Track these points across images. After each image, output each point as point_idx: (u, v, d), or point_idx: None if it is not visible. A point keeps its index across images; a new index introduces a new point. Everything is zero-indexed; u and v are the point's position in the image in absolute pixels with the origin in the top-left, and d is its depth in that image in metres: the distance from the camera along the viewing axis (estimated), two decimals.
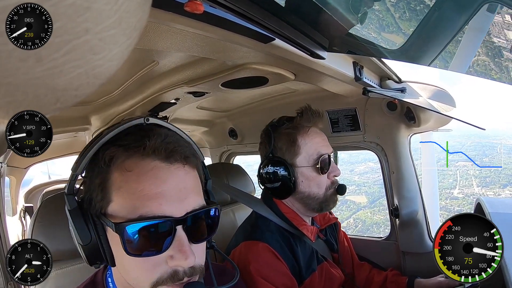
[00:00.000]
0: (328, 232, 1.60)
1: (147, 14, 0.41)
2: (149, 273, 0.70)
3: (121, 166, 0.71)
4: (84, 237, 0.71)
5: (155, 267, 0.70)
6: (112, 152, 0.71)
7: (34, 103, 0.38)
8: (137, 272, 0.71)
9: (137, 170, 0.70)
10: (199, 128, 2.89)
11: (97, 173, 0.72)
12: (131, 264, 0.71)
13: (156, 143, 0.70)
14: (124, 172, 0.70)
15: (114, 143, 0.73)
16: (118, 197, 0.70)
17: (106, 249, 0.73)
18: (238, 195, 1.61)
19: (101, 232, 0.72)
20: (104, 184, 0.71)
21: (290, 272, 1.26)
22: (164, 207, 0.69)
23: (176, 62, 1.39)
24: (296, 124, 1.37)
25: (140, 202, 0.68)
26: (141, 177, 0.69)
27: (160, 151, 0.71)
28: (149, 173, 0.70)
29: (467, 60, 1.05)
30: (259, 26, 0.83)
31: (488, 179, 17.70)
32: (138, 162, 0.70)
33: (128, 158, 0.71)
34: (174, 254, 0.70)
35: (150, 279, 0.70)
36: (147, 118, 0.76)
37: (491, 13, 0.86)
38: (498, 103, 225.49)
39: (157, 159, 0.71)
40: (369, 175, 19.66)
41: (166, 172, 0.71)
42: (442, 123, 1.83)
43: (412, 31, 1.00)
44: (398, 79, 1.69)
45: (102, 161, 0.71)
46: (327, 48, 1.11)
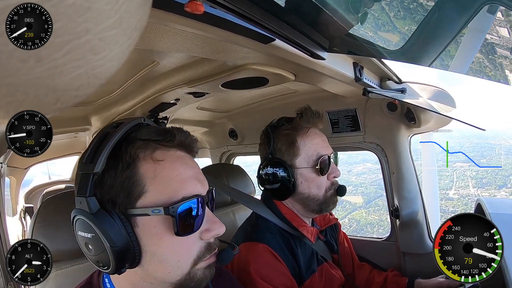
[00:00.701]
0: (328, 233, 1.60)
1: (148, 15, 0.42)
2: (191, 251, 0.77)
3: (149, 158, 0.75)
4: (117, 238, 0.70)
5: (194, 244, 0.77)
6: (139, 146, 0.75)
7: (35, 103, 0.38)
8: (178, 255, 0.76)
9: (168, 159, 0.77)
10: (199, 129, 2.89)
11: (122, 169, 0.72)
12: (171, 250, 0.75)
13: (181, 137, 0.80)
14: (156, 162, 0.75)
15: (132, 139, 0.75)
16: (154, 186, 0.74)
17: (137, 247, 0.73)
18: (238, 196, 1.60)
19: (129, 230, 0.72)
20: (134, 178, 0.73)
21: (290, 273, 1.26)
22: (198, 187, 0.79)
23: (176, 63, 1.39)
24: (295, 125, 1.37)
25: (180, 185, 0.76)
26: (173, 164, 0.77)
27: (184, 144, 0.82)
28: (179, 160, 0.79)
29: (467, 61, 1.05)
30: (259, 27, 0.83)
31: (484, 180, 17.82)
32: (166, 152, 0.78)
33: (155, 150, 0.76)
34: (209, 226, 0.79)
35: (191, 256, 0.77)
36: (144, 118, 0.84)
37: (491, 14, 0.86)
38: (497, 103, 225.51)
39: (179, 150, 0.81)
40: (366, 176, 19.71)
41: (190, 160, 0.83)
42: (443, 123, 1.83)
43: (413, 31, 1.00)
44: (398, 80, 1.69)
45: (128, 155, 0.73)
46: (327, 49, 1.11)
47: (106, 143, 0.72)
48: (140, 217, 0.73)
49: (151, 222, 0.73)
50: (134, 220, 0.73)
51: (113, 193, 0.72)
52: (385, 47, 1.11)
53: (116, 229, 0.70)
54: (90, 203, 0.70)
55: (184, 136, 0.81)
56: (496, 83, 1.04)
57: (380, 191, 20.08)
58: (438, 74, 1.44)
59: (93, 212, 0.70)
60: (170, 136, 0.78)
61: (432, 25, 0.93)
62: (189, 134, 0.84)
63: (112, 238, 0.69)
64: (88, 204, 0.70)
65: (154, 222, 0.73)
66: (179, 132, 0.80)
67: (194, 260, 0.77)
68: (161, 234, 0.73)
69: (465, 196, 15.90)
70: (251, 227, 1.38)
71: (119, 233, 0.71)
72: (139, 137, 0.76)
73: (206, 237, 0.78)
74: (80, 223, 0.72)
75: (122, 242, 0.71)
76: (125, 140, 0.75)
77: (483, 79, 1.05)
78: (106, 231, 0.69)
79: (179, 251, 0.75)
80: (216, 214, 1.87)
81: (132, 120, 0.79)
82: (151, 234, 0.74)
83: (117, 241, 0.70)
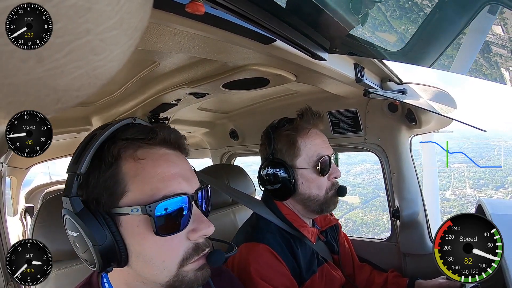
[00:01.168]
0: (328, 233, 1.60)
1: (148, 15, 0.42)
2: (176, 252, 0.75)
3: (132, 157, 0.75)
4: (99, 237, 0.71)
5: (180, 244, 0.75)
6: (121, 146, 0.75)
7: (35, 103, 0.39)
8: (164, 255, 0.74)
9: (151, 157, 0.76)
10: (200, 129, 2.89)
11: (104, 169, 0.73)
12: (155, 250, 0.74)
13: (164, 134, 0.78)
14: (137, 160, 0.75)
15: (117, 139, 0.76)
16: (135, 185, 0.73)
17: (122, 246, 0.73)
18: (239, 196, 1.60)
19: (113, 229, 0.73)
20: (116, 177, 0.73)
21: (290, 273, 1.26)
22: (182, 185, 0.77)
23: (177, 63, 1.39)
24: (296, 125, 1.37)
25: (162, 183, 0.74)
26: (156, 162, 0.76)
27: (168, 141, 0.79)
28: (163, 158, 0.77)
29: (468, 62, 1.05)
30: (260, 27, 0.83)
31: (482, 181, 17.99)
32: (148, 150, 0.77)
33: (138, 149, 0.76)
34: (196, 226, 0.77)
35: (177, 257, 0.75)
36: (134, 118, 0.83)
37: (492, 14, 0.86)
38: (496, 104, 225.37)
39: (164, 147, 0.79)
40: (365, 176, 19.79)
41: (176, 157, 0.80)
42: (443, 124, 1.83)
43: (413, 32, 1.00)
44: (399, 81, 1.69)
45: (110, 155, 0.73)
46: (328, 50, 1.11)
47: (91, 144, 0.73)
48: (123, 217, 0.73)
49: (133, 222, 0.73)
50: (118, 219, 0.73)
51: (97, 193, 0.73)
52: (385, 48, 1.11)
53: (98, 228, 0.71)
54: (74, 203, 0.71)
55: (167, 133, 0.80)
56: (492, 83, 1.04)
57: (377, 192, 20.26)
58: (437, 74, 1.44)
59: (76, 211, 0.71)
60: (152, 134, 0.77)
61: (433, 26, 0.93)
62: (174, 131, 0.82)
63: (94, 237, 0.70)
64: (72, 204, 0.71)
65: (136, 221, 0.73)
66: (162, 129, 0.79)
67: (180, 261, 0.75)
68: (144, 234, 0.73)
69: (462, 196, 16.00)
70: (252, 227, 1.38)
71: (101, 232, 0.71)
72: (123, 136, 0.76)
73: (193, 237, 0.76)
74: (67, 222, 0.73)
75: (104, 241, 0.71)
76: (110, 141, 0.75)
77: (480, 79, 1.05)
78: (89, 230, 0.70)
79: (164, 251, 0.74)
80: (216, 214, 1.86)
81: (120, 121, 0.80)
82: (134, 234, 0.73)
83: (99, 240, 0.71)
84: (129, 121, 0.81)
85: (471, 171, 17.42)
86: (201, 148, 3.27)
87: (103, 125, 0.79)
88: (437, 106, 1.61)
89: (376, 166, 1.93)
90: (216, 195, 1.95)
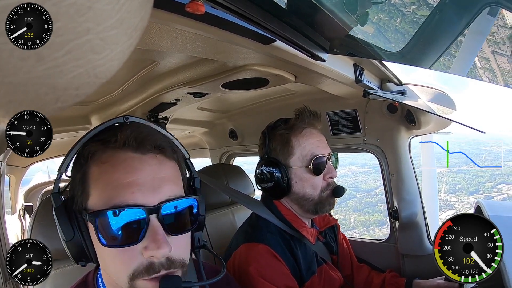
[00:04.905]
0: (327, 234, 1.60)
1: (149, 15, 0.42)
2: (126, 266, 0.70)
3: (98, 160, 0.73)
4: (67, 233, 0.73)
5: (131, 259, 0.69)
6: (91, 147, 0.74)
7: (35, 102, 0.38)
8: (115, 265, 0.72)
9: (112, 162, 0.71)
10: (199, 129, 2.89)
11: (77, 169, 0.75)
12: (109, 258, 0.72)
13: (126, 134, 0.72)
14: (100, 164, 0.72)
15: (93, 140, 0.76)
16: (95, 190, 0.72)
17: (89, 245, 0.74)
18: (238, 196, 1.60)
19: (83, 228, 0.74)
20: (84, 179, 0.74)
21: (290, 273, 1.26)
22: (137, 195, 0.69)
23: (176, 63, 1.39)
24: (291, 125, 1.37)
25: (115, 191, 0.69)
26: (115, 167, 0.71)
27: (130, 142, 0.72)
28: (123, 164, 0.71)
29: (468, 64, 1.05)
30: (260, 28, 0.83)
31: (458, 186, 18.65)
32: (112, 154, 0.72)
33: (105, 152, 0.73)
34: (148, 244, 0.69)
35: (127, 271, 0.69)
36: (127, 117, 0.79)
37: (492, 16, 0.86)
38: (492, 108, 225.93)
39: (129, 150, 0.72)
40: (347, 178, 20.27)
41: (139, 162, 0.72)
42: (442, 125, 1.83)
43: (413, 34, 1.00)
44: (398, 82, 1.69)
45: (82, 157, 0.74)
46: (328, 50, 1.11)
47: (76, 144, 0.75)
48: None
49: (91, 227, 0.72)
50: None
51: (72, 192, 0.76)
52: (385, 49, 1.11)
53: (66, 224, 0.73)
54: (54, 199, 0.75)
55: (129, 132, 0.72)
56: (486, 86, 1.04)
57: (354, 193, 20.86)
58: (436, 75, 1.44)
59: (55, 206, 0.74)
60: (112, 135, 0.72)
61: (433, 27, 0.93)
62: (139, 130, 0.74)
63: (63, 232, 0.73)
64: (53, 199, 0.75)
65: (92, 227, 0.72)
66: (124, 129, 0.73)
67: (129, 276, 0.69)
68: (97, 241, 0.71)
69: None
70: (252, 227, 1.38)
71: (68, 228, 0.73)
72: (97, 138, 0.76)
73: (146, 255, 0.69)
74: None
75: (71, 238, 0.73)
76: (88, 142, 0.76)
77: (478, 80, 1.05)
78: (59, 225, 0.73)
79: (116, 262, 0.71)
80: (215, 214, 1.86)
81: (111, 120, 0.79)
82: (94, 238, 0.73)
83: (67, 236, 0.73)
84: (121, 120, 0.78)
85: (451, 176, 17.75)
86: (200, 148, 3.27)
87: (99, 125, 0.79)
88: (436, 107, 1.61)
89: (362, 169, 1.94)
90: (215, 195, 1.96)
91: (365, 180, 22.34)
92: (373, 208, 20.63)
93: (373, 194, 21.48)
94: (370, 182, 22.02)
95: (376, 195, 21.14)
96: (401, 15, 0.97)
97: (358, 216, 20.23)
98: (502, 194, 18.40)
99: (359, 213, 20.44)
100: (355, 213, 20.06)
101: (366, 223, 19.98)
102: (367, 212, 20.65)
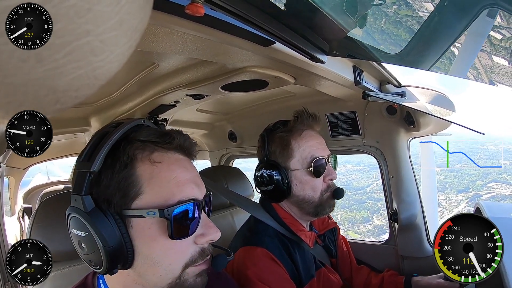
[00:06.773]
0: (327, 237, 1.59)
1: (148, 16, 0.42)
2: (183, 255, 0.76)
3: (147, 159, 0.75)
4: (111, 238, 0.70)
5: (188, 248, 0.77)
6: (137, 147, 0.75)
7: (35, 103, 0.38)
8: (171, 257, 0.75)
9: (166, 161, 0.77)
10: (199, 131, 2.89)
11: (119, 169, 0.73)
12: (163, 253, 0.75)
13: (180, 140, 0.80)
14: (153, 163, 0.75)
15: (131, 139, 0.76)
16: (150, 188, 0.74)
17: (130, 248, 0.73)
18: (237, 199, 1.59)
19: (123, 231, 0.72)
20: (130, 178, 0.73)
21: (290, 277, 1.25)
22: (195, 190, 0.79)
23: (176, 65, 1.40)
24: (290, 127, 1.37)
25: (177, 188, 0.76)
26: (171, 166, 0.77)
27: (183, 147, 0.81)
28: (177, 163, 0.79)
29: (467, 65, 1.05)
30: (260, 30, 0.83)
31: (448, 185, 18.88)
32: (163, 155, 0.78)
33: (153, 152, 0.76)
34: (205, 231, 0.79)
35: (183, 260, 0.76)
36: (144, 119, 0.83)
37: (491, 18, 0.86)
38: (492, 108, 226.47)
39: (177, 153, 0.81)
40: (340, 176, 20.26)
41: (188, 163, 0.83)
42: (442, 127, 1.83)
43: (412, 35, 1.00)
44: (398, 83, 1.69)
45: (125, 156, 0.73)
46: (327, 52, 1.11)
47: (104, 142, 0.72)
48: (135, 219, 0.73)
49: (145, 224, 0.73)
50: (129, 221, 0.73)
51: (109, 193, 0.72)
52: (384, 51, 1.11)
53: (109, 229, 0.70)
54: (85, 202, 0.70)
55: (183, 139, 0.81)
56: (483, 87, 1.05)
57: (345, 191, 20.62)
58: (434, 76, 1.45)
59: (87, 210, 0.70)
60: (169, 138, 0.78)
61: (432, 29, 0.93)
62: (188, 137, 0.84)
63: (105, 238, 0.69)
64: (83, 202, 0.70)
65: (148, 224, 0.73)
66: (178, 134, 0.81)
67: (185, 264, 0.76)
68: (155, 236, 0.73)
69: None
70: (250, 231, 1.37)
71: (112, 233, 0.70)
72: (138, 138, 0.76)
73: (201, 242, 0.78)
74: (75, 221, 0.72)
75: (115, 243, 0.70)
76: (124, 140, 0.75)
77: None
78: (100, 231, 0.69)
79: (172, 254, 0.75)
80: (214, 216, 1.85)
81: (132, 120, 0.80)
82: (145, 236, 0.73)
83: (110, 241, 0.70)
84: (140, 122, 0.82)
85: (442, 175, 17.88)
86: (199, 150, 3.27)
87: (112, 124, 0.78)
88: (436, 109, 1.61)
89: (356, 167, 1.95)
90: (214, 197, 1.95)
91: (358, 178, 22.45)
92: (361, 205, 20.88)
93: (363, 192, 21.70)
94: (363, 181, 22.18)
95: (366, 192, 21.38)
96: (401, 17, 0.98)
97: (345, 213, 20.38)
98: (491, 193, 18.59)
99: (347, 210, 20.63)
100: (343, 210, 20.18)
101: (352, 220, 20.29)
102: (354, 209, 20.88)
